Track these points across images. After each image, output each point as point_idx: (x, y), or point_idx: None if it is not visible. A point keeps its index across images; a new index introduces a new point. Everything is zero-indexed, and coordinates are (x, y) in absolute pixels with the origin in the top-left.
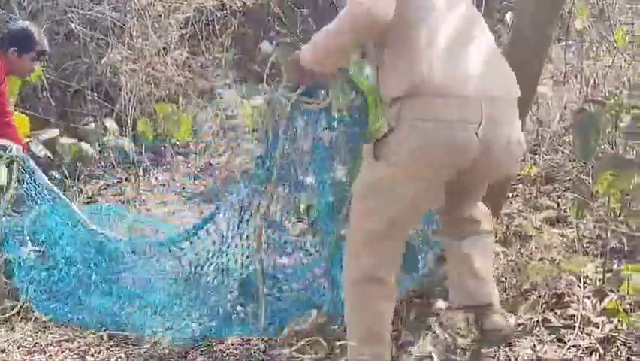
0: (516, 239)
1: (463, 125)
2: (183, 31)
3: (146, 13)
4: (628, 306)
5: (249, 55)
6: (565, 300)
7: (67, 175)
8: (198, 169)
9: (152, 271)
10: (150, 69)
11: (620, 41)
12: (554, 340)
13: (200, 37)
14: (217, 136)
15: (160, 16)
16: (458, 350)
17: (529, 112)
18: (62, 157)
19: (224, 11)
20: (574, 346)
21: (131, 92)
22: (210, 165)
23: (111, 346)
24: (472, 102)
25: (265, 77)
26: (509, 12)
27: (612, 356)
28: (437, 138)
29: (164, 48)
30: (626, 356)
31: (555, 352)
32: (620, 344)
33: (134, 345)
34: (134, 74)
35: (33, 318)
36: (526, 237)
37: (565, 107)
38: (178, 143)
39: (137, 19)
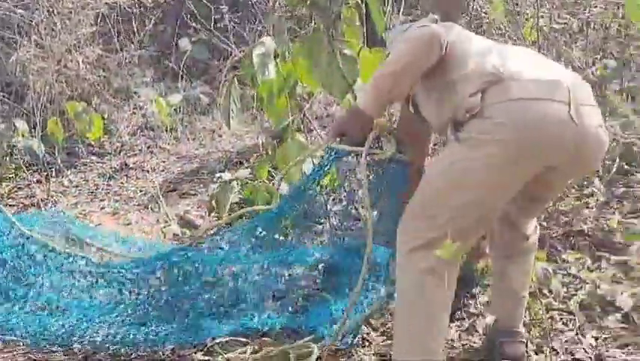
0: None
1: (555, 105)
2: (94, 29)
3: (55, 9)
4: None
5: (166, 52)
6: None
7: None
8: (113, 169)
9: None
10: (61, 67)
11: (527, 36)
12: None
13: (114, 34)
14: (134, 136)
15: (70, 12)
16: None
17: None
18: None
19: (141, 8)
20: None
21: (41, 91)
22: (126, 165)
23: None
24: (557, 84)
25: (181, 75)
26: None
27: None
28: (530, 114)
29: (75, 45)
30: None
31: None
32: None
33: None
34: (44, 72)
35: None
36: None
37: None
38: (93, 143)
39: (45, 16)
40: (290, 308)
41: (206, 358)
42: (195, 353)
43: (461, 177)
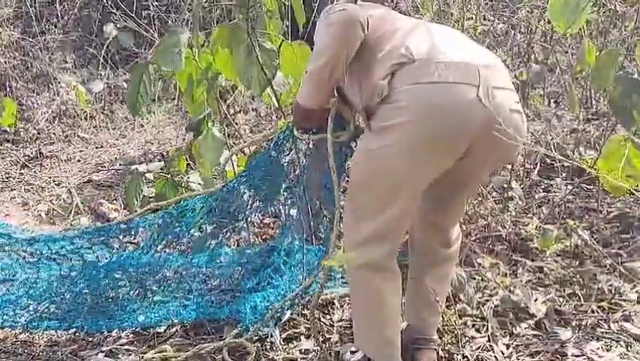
0: None
1: (463, 88)
2: (10, 10)
3: None
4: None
5: (90, 38)
6: None
7: None
8: (27, 158)
9: None
10: None
11: None
12: None
13: (34, 17)
14: (52, 123)
15: None
16: None
17: None
18: None
19: None
20: None
21: None
22: (41, 153)
23: None
24: (467, 66)
25: (104, 62)
26: None
27: None
28: (437, 98)
29: None
30: None
31: None
32: None
33: None
34: None
35: None
36: None
37: None
38: (7, 130)
39: None
40: (211, 301)
41: (108, 359)
42: (97, 354)
43: (375, 167)
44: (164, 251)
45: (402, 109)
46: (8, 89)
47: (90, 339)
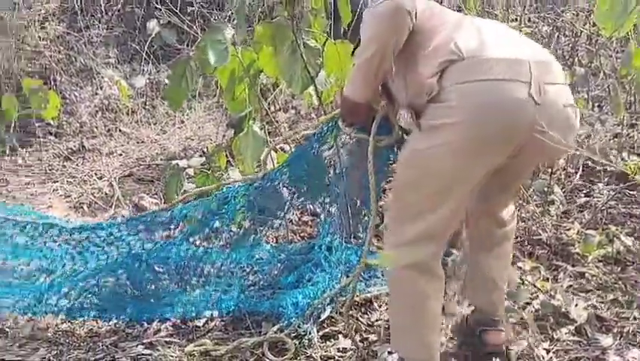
0: None
1: (514, 85)
2: (55, 5)
3: None
4: None
5: (133, 34)
6: None
7: None
8: (69, 151)
9: None
10: (21, 43)
11: None
12: None
13: (79, 11)
14: (94, 117)
15: None
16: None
17: None
18: None
19: None
20: None
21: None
22: (83, 147)
23: None
24: (517, 63)
25: (147, 58)
26: None
27: None
28: (487, 97)
29: (36, 21)
30: None
31: None
32: None
33: None
34: (2, 46)
35: None
36: None
37: None
38: (51, 122)
39: None
40: (251, 296)
41: (148, 351)
42: (137, 345)
43: (425, 166)
44: (203, 245)
45: (452, 109)
46: (53, 82)
47: (130, 331)
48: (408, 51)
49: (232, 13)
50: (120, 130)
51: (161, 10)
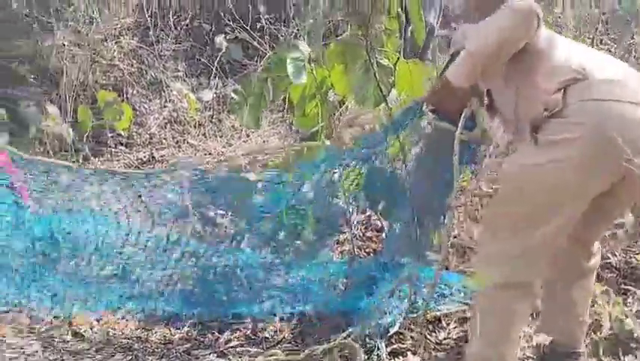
0: None
1: (632, 107)
2: (131, 20)
3: None
4: None
5: (201, 48)
6: None
7: None
8: (139, 161)
9: None
10: (96, 56)
11: None
12: None
13: (151, 26)
14: (163, 129)
15: (109, 1)
16: None
17: None
18: None
19: (179, 2)
20: None
21: (76, 78)
22: (153, 157)
23: None
24: (635, 85)
25: (214, 72)
26: None
27: None
28: (608, 116)
29: (112, 35)
30: None
31: None
32: None
33: None
34: (79, 59)
35: None
36: None
37: None
38: (122, 133)
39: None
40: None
41: (220, 360)
42: (210, 354)
43: (538, 181)
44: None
45: (574, 125)
46: (125, 95)
47: (202, 340)
48: (525, 65)
49: (298, 30)
50: (188, 142)
51: (231, 25)
